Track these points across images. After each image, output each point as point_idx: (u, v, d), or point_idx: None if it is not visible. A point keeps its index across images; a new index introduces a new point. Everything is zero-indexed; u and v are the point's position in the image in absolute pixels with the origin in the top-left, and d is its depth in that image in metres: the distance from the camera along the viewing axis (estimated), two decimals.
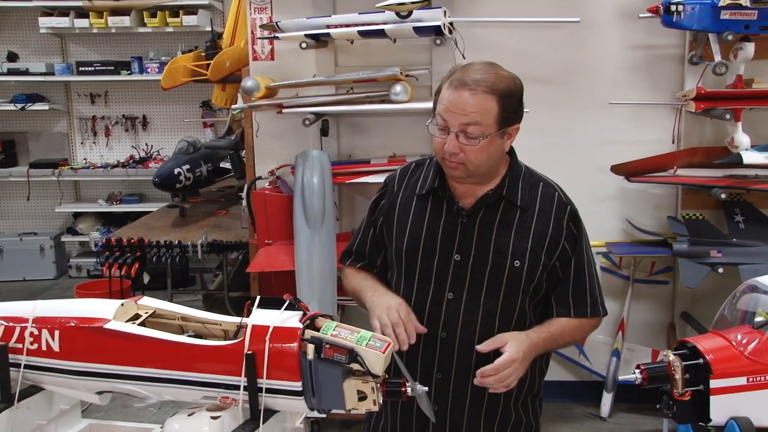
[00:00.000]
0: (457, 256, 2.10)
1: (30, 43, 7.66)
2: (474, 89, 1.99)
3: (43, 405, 1.93)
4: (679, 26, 3.79)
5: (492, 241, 2.09)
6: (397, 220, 2.19)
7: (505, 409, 2.18)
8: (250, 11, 4.26)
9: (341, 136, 4.39)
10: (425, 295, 2.12)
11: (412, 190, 2.20)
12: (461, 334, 2.10)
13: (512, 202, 2.12)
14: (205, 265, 6.87)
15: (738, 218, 4.07)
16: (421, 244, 2.13)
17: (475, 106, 1.98)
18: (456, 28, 3.88)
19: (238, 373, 1.67)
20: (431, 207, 2.16)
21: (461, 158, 2.02)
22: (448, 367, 2.12)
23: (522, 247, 2.08)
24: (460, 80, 2.00)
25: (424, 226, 2.14)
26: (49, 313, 1.84)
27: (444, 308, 2.11)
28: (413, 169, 2.25)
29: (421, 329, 2.04)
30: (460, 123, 1.99)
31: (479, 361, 2.05)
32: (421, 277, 2.13)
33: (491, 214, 2.11)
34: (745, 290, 2.00)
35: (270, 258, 3.90)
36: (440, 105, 2.03)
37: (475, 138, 1.99)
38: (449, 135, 2.01)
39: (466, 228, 2.11)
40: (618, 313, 4.47)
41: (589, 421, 4.39)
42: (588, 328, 2.21)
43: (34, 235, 7.74)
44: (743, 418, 1.77)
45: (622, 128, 4.32)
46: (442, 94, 2.04)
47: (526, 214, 2.11)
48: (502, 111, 2.03)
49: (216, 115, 7.56)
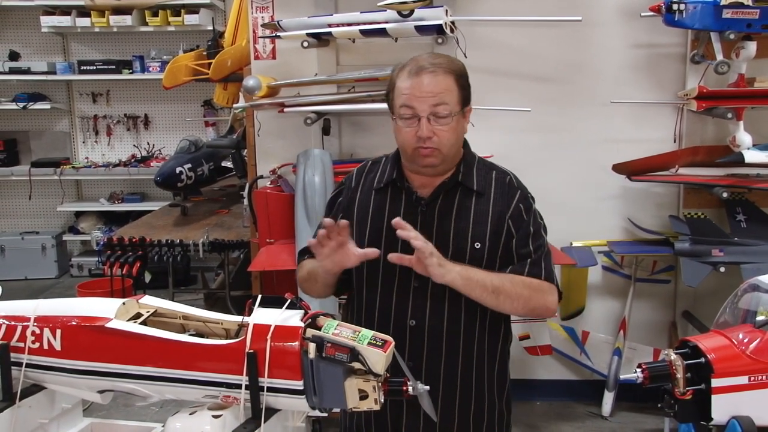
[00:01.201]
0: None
1: (32, 42, 7.66)
2: (434, 71, 2.05)
3: (45, 404, 1.94)
4: (681, 25, 3.79)
5: (451, 226, 2.13)
6: (357, 214, 2.22)
7: (479, 394, 2.21)
8: (251, 10, 4.26)
9: (343, 135, 4.39)
10: (391, 285, 2.15)
11: (370, 185, 2.24)
12: (430, 321, 2.13)
13: (468, 187, 2.17)
14: (207, 264, 6.88)
15: (740, 217, 4.07)
16: (383, 235, 2.16)
17: (440, 86, 2.05)
18: (457, 27, 3.89)
19: (239, 372, 1.67)
20: (390, 199, 2.20)
21: (435, 142, 2.06)
22: (418, 355, 2.14)
23: (481, 230, 2.13)
24: (417, 67, 2.07)
25: (385, 218, 2.17)
26: (51, 312, 1.84)
27: (411, 296, 2.13)
28: (370, 167, 2.31)
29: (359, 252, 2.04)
30: (430, 105, 2.04)
31: (450, 347, 2.12)
32: (385, 269, 2.16)
33: (449, 200, 2.16)
34: (746, 289, 2.00)
35: (271, 257, 3.90)
36: (402, 96, 2.08)
37: (445, 117, 2.05)
38: (421, 121, 2.05)
39: (425, 216, 2.15)
40: (619, 311, 4.47)
41: (591, 420, 4.39)
42: (528, 286, 2.10)
43: (36, 234, 7.75)
44: (744, 417, 1.77)
45: (623, 127, 4.32)
46: (400, 86, 2.09)
47: (482, 198, 2.17)
48: (461, 90, 2.11)
49: (218, 114, 7.56)
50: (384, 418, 2.19)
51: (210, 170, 5.95)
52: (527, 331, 4.26)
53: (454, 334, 2.14)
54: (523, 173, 4.53)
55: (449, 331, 2.14)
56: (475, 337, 2.17)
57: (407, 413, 2.17)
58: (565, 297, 4.41)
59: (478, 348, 2.18)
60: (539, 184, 4.26)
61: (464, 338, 2.14)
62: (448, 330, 2.14)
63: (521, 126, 4.24)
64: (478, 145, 4.24)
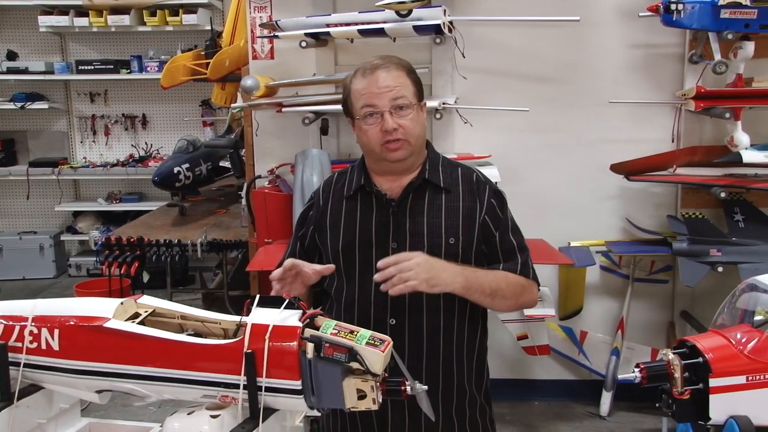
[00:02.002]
0: (394, 244, 2.16)
1: (29, 41, 7.66)
2: (387, 66, 2.12)
3: (43, 404, 1.93)
4: (679, 25, 3.80)
5: (424, 224, 2.16)
6: (330, 225, 2.24)
7: (460, 389, 2.22)
8: (249, 10, 4.26)
9: (341, 135, 4.39)
10: (368, 286, 2.16)
11: (340, 195, 2.26)
12: (410, 319, 2.15)
13: (436, 184, 2.19)
14: (205, 264, 6.88)
15: (738, 217, 4.08)
16: (356, 239, 2.19)
17: (395, 80, 2.11)
18: (456, 27, 3.89)
19: (237, 372, 1.66)
20: (361, 205, 2.22)
21: (402, 133, 2.10)
22: (400, 354, 2.12)
23: (454, 225, 2.15)
24: (370, 66, 2.13)
25: (357, 223, 2.20)
26: (49, 312, 1.83)
27: (389, 296, 2.12)
28: (336, 178, 2.33)
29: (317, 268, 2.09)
30: (390, 99, 2.09)
31: (430, 344, 2.15)
32: (361, 271, 2.18)
33: (419, 199, 2.19)
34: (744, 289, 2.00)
35: (270, 257, 3.89)
36: (362, 97, 2.12)
37: (406, 108, 2.10)
38: (384, 116, 2.09)
39: (398, 216, 2.18)
40: (618, 311, 4.48)
41: (589, 420, 4.39)
42: (518, 285, 2.18)
43: (34, 234, 7.75)
44: (742, 417, 1.77)
45: (621, 127, 4.32)
46: (356, 87, 2.14)
47: (451, 195, 2.20)
48: (414, 84, 2.16)
49: (216, 114, 7.56)
50: (370, 417, 2.19)
51: (208, 170, 5.96)
52: (525, 331, 4.26)
53: (434, 332, 2.16)
54: (522, 173, 4.58)
55: (429, 328, 2.16)
56: (455, 334, 2.20)
57: (392, 412, 2.18)
58: (563, 297, 4.43)
59: (458, 344, 2.21)
60: (537, 184, 4.36)
61: (444, 335, 2.17)
62: (429, 327, 2.16)
63: (519, 126, 4.25)
64: (476, 145, 4.30)
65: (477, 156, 4.14)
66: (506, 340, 4.35)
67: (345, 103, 2.20)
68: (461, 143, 4.29)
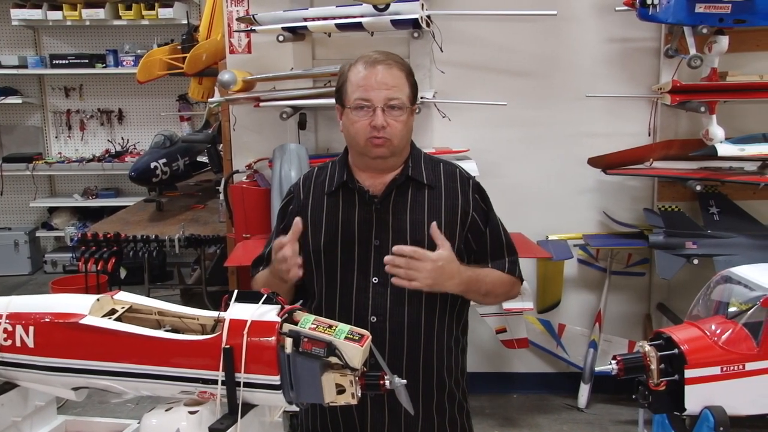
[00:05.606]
0: (377, 241, 2.15)
1: (2, 35, 7.56)
2: (389, 64, 2.10)
3: (18, 401, 1.91)
4: (655, 19, 3.82)
5: (407, 220, 2.16)
6: (311, 220, 2.21)
7: (440, 385, 2.22)
8: (226, 4, 4.23)
9: (319, 130, 4.39)
10: (350, 284, 2.16)
11: (321, 190, 2.24)
12: (391, 317, 2.14)
13: (419, 181, 2.19)
14: (183, 260, 6.83)
15: (713, 210, 4.12)
16: (338, 237, 2.17)
17: (394, 80, 2.09)
18: (433, 21, 3.89)
19: (215, 368, 1.66)
20: (343, 201, 2.20)
21: (388, 132, 2.09)
22: (381, 351, 2.13)
23: (436, 221, 2.14)
24: (372, 59, 2.11)
25: (339, 220, 2.18)
26: (24, 309, 1.82)
27: (371, 294, 2.14)
28: (317, 172, 2.30)
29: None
30: (385, 97, 2.07)
31: (411, 343, 2.15)
32: (343, 269, 2.17)
33: (402, 196, 2.18)
34: (719, 281, 2.02)
35: (248, 252, 3.87)
36: (358, 89, 2.10)
37: (398, 109, 2.08)
38: (375, 111, 2.07)
39: (380, 213, 2.16)
40: (595, 304, 4.51)
41: (567, 412, 4.43)
42: (507, 283, 2.25)
43: (8, 231, 7.65)
44: (717, 407, 1.79)
45: (598, 121, 4.35)
46: (354, 78, 2.12)
47: (434, 191, 2.19)
48: (411, 87, 2.15)
49: (193, 108, 7.51)
50: (349, 413, 2.18)
51: (185, 165, 5.92)
52: (504, 325, 4.28)
53: (415, 329, 2.16)
54: (499, 167, 4.59)
55: (410, 325, 2.15)
56: (435, 330, 2.19)
57: (372, 409, 2.17)
58: (542, 290, 4.45)
59: (438, 340, 2.20)
60: (515, 178, 4.38)
61: (425, 331, 2.16)
62: (410, 324, 2.15)
63: (497, 120, 4.26)
64: (454, 139, 4.31)
65: (455, 150, 4.14)
66: (485, 333, 4.37)
67: (339, 90, 2.17)
68: (439, 138, 4.29)
